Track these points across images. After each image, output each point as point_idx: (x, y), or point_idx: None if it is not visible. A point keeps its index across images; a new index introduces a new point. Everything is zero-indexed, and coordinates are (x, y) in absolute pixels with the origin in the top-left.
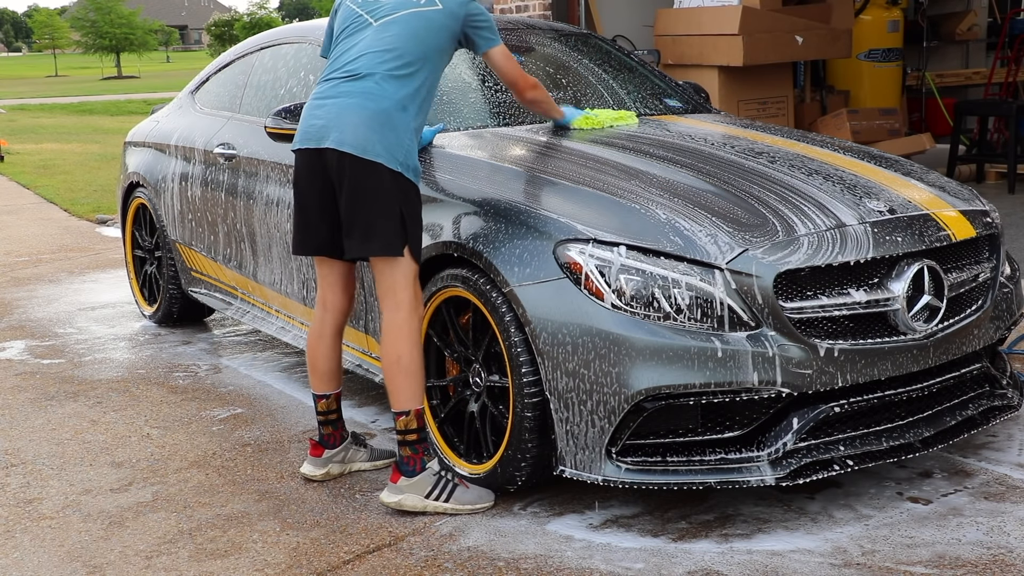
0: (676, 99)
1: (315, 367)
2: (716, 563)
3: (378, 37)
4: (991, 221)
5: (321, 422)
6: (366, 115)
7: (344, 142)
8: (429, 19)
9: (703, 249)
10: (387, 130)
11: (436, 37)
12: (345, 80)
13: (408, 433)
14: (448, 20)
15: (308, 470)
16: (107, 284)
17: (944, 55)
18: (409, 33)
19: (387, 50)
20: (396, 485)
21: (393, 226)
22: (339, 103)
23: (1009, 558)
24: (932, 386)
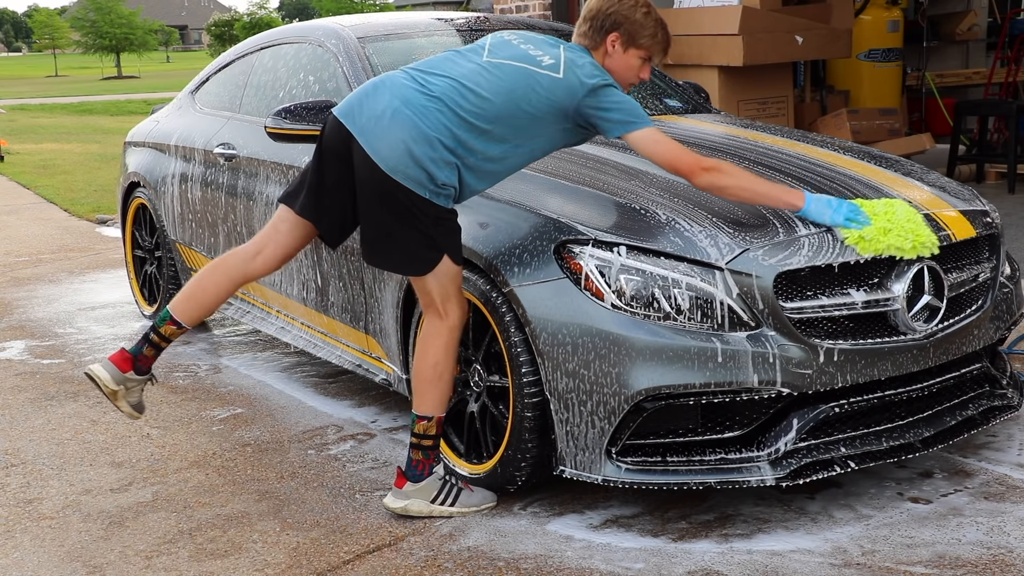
0: (676, 99)
1: (198, 294)
2: (716, 563)
3: (474, 72)
4: (991, 221)
5: (153, 342)
6: (410, 133)
7: (379, 151)
8: (537, 82)
9: (703, 249)
10: (428, 161)
11: (535, 105)
12: (420, 87)
13: (425, 438)
14: (561, 94)
15: (100, 372)
16: (107, 284)
17: (944, 55)
18: (506, 89)
19: (470, 90)
20: (402, 490)
21: (415, 251)
22: (394, 103)
23: (1009, 558)
24: (932, 386)
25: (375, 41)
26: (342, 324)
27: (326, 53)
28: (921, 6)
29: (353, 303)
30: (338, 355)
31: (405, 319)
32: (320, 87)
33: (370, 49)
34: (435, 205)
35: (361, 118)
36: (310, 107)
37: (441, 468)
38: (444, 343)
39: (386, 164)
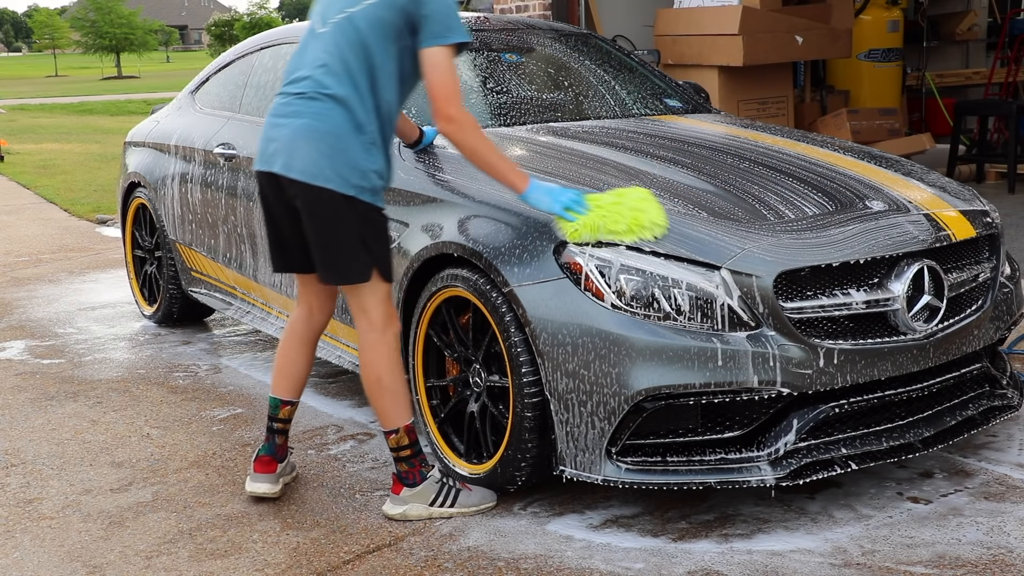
0: (676, 99)
1: (286, 368)
2: (716, 563)
3: (321, 47)
4: (991, 221)
5: (279, 430)
6: (316, 137)
7: (292, 167)
8: (365, 19)
9: (703, 249)
10: (337, 153)
11: (380, 38)
12: (296, 98)
13: (402, 450)
14: (388, 12)
15: (264, 488)
16: (107, 284)
17: (944, 55)
18: (347, 41)
19: (325, 64)
20: (399, 496)
21: (352, 254)
22: (292, 124)
23: (1009, 558)
24: (932, 386)
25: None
26: (342, 324)
27: None
28: (921, 6)
29: None
30: (338, 355)
31: (405, 320)
32: None
33: None
34: (363, 202)
35: (269, 154)
36: None
37: (437, 471)
38: (383, 354)
39: (304, 175)
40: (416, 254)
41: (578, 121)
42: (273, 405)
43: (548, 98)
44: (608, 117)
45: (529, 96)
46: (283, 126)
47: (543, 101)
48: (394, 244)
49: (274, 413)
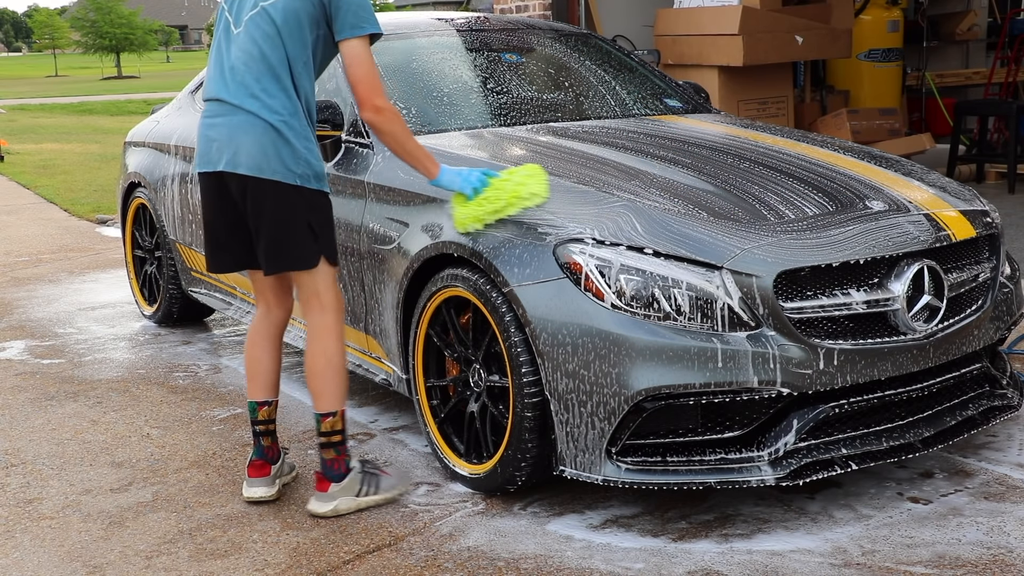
0: (676, 99)
1: (256, 370)
2: (716, 563)
3: (239, 47)
4: (991, 221)
5: (262, 432)
6: (257, 132)
7: (239, 163)
8: (280, 11)
9: (703, 249)
10: (281, 145)
11: (295, 28)
12: (228, 97)
13: (333, 435)
14: (301, 3)
15: (260, 492)
16: (107, 284)
17: (944, 55)
18: (263, 35)
19: (247, 64)
20: (328, 493)
21: (302, 240)
22: (229, 121)
23: (1009, 558)
24: (932, 386)
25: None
26: None
27: None
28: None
29: (353, 304)
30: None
31: (405, 320)
32: (320, 87)
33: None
34: (309, 190)
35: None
36: None
37: (356, 461)
38: (334, 335)
39: (250, 169)
40: (416, 254)
41: (578, 121)
42: (251, 409)
43: (548, 98)
44: (608, 117)
45: (529, 96)
46: (220, 125)
47: (543, 101)
48: (394, 244)
49: (254, 416)
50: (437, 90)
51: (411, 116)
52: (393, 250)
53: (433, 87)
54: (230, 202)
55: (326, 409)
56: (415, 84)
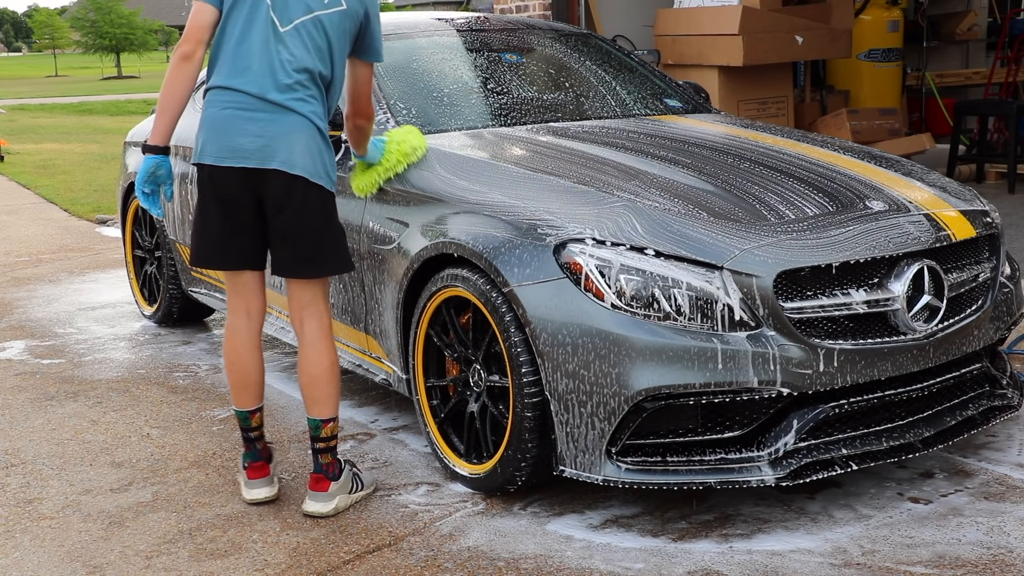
0: (676, 99)
1: (249, 380)
2: (716, 563)
3: (291, 46)
4: (991, 221)
5: (256, 437)
6: (306, 136)
7: (295, 164)
8: (333, 25)
9: (703, 249)
10: (325, 151)
11: (342, 45)
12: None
13: (332, 439)
14: (350, 23)
15: (264, 493)
16: (107, 284)
17: (944, 55)
18: (314, 45)
19: (302, 64)
20: (328, 492)
21: (341, 246)
22: (279, 120)
23: (1009, 558)
24: (932, 386)
25: None
26: (342, 325)
27: None
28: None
29: (353, 304)
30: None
31: (405, 320)
32: None
33: None
34: (333, 195)
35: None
36: None
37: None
38: (332, 343)
39: (306, 172)
40: (416, 254)
41: (578, 121)
42: (243, 417)
43: (548, 98)
44: (608, 117)
45: (529, 96)
46: (265, 121)
47: (543, 101)
48: (394, 244)
49: (247, 424)
50: (437, 90)
51: (411, 116)
52: (393, 250)
53: (433, 87)
54: (256, 200)
55: (330, 415)
56: (415, 84)
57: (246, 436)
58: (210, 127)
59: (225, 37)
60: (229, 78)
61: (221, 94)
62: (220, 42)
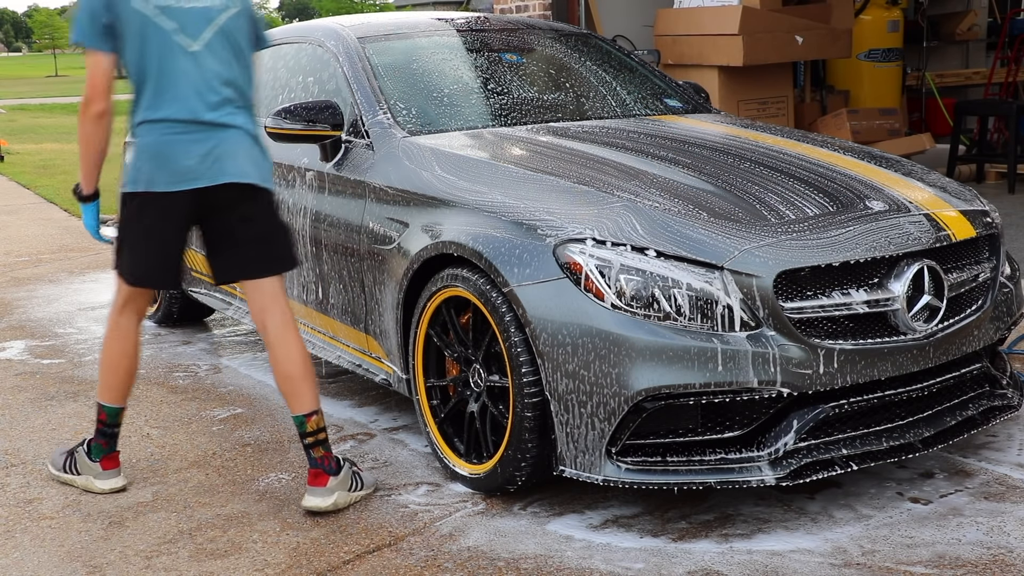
0: (676, 99)
1: (132, 378)
2: (716, 563)
3: (210, 65)
4: (991, 221)
5: (117, 434)
6: (248, 145)
7: (246, 174)
8: (236, 28)
9: (703, 249)
10: (262, 157)
11: (247, 44)
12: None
13: (320, 432)
14: (246, 21)
15: (121, 482)
16: (107, 284)
17: (944, 55)
18: (230, 53)
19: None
20: (327, 488)
21: (293, 239)
22: (221, 137)
23: (1009, 558)
24: (932, 386)
25: (375, 41)
26: (342, 325)
27: (326, 53)
28: (921, 6)
29: (354, 304)
30: (338, 355)
31: (405, 320)
32: (320, 87)
33: (370, 49)
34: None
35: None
36: (310, 107)
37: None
38: (299, 332)
39: (257, 179)
40: (416, 254)
41: (578, 121)
42: (115, 413)
43: (548, 98)
44: (608, 117)
45: (529, 96)
46: (208, 141)
47: (543, 101)
48: (394, 244)
49: (115, 420)
50: (437, 90)
51: (411, 116)
52: (393, 250)
53: (433, 87)
54: (193, 219)
55: (312, 408)
56: (415, 84)
57: (110, 432)
58: (152, 156)
59: (142, 73)
60: (159, 109)
61: (155, 125)
62: (138, 79)
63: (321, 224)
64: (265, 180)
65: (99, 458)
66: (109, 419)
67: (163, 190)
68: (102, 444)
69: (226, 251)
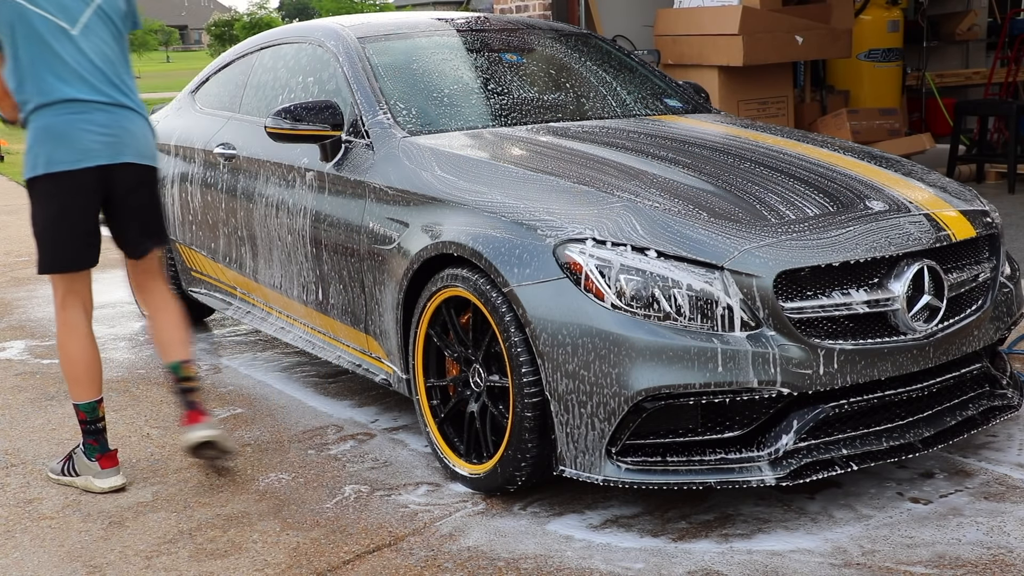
0: (676, 99)
1: (95, 370)
2: (716, 563)
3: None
4: (991, 221)
5: (103, 428)
6: (139, 124)
7: (144, 155)
8: (113, 10)
9: (703, 249)
10: (152, 134)
11: (123, 25)
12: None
13: (195, 379)
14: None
15: (120, 480)
16: (107, 284)
17: (944, 55)
18: (110, 35)
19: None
20: (207, 422)
21: (163, 216)
22: (113, 118)
23: (1009, 558)
24: (932, 386)
25: (375, 41)
26: (342, 325)
27: (326, 53)
28: (921, 6)
29: (354, 304)
30: (338, 355)
31: (405, 320)
32: (320, 87)
33: (370, 49)
34: None
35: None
36: (310, 107)
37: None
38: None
39: (149, 159)
40: (416, 254)
41: (578, 121)
42: (92, 409)
43: (548, 98)
44: (608, 117)
45: (529, 96)
46: (102, 122)
47: (543, 101)
48: (394, 244)
49: (95, 416)
50: (437, 90)
51: (411, 116)
52: (393, 250)
53: (433, 87)
54: (102, 196)
55: (191, 355)
56: (415, 84)
57: (95, 428)
58: (52, 137)
59: (26, 60)
60: (49, 93)
61: (49, 108)
62: (23, 67)
63: (321, 224)
64: (155, 159)
65: (95, 456)
66: (89, 416)
67: (66, 169)
68: (92, 443)
69: (123, 229)
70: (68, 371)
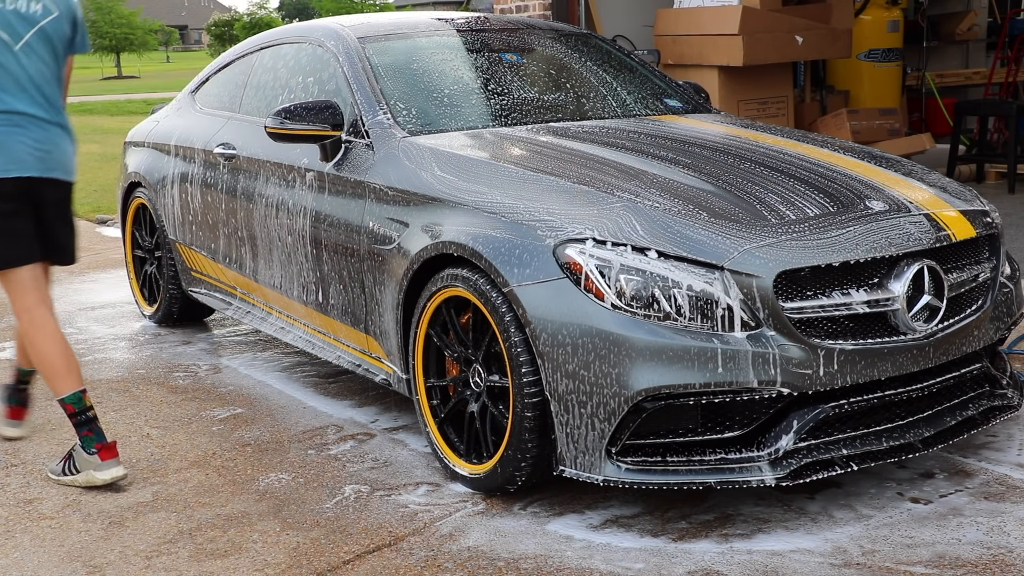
0: (676, 99)
1: (72, 362)
2: (716, 563)
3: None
4: (991, 221)
5: (94, 417)
6: (67, 142)
7: (70, 171)
8: (55, 32)
9: (703, 249)
10: (74, 153)
11: (63, 47)
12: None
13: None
14: (67, 26)
15: (121, 471)
16: (107, 284)
17: (944, 55)
18: (49, 54)
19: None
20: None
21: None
22: (49, 134)
23: (1009, 558)
24: (932, 386)
25: (375, 41)
26: (342, 325)
27: (326, 53)
28: (921, 6)
29: (354, 305)
30: (338, 355)
31: (405, 320)
32: (320, 87)
33: (370, 49)
34: None
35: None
36: (310, 107)
37: None
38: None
39: (72, 176)
40: (416, 254)
41: (578, 121)
42: (78, 399)
43: (548, 98)
44: (608, 117)
45: (529, 96)
46: (40, 137)
47: (543, 101)
48: (394, 244)
49: (83, 405)
50: (437, 90)
51: (411, 116)
52: (393, 250)
53: (433, 87)
54: (30, 203)
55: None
56: (415, 84)
57: (85, 418)
58: None
59: None
60: None
61: None
62: None
63: (321, 224)
64: (74, 176)
65: (94, 447)
66: (76, 406)
67: (10, 175)
68: (87, 434)
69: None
70: (46, 368)
